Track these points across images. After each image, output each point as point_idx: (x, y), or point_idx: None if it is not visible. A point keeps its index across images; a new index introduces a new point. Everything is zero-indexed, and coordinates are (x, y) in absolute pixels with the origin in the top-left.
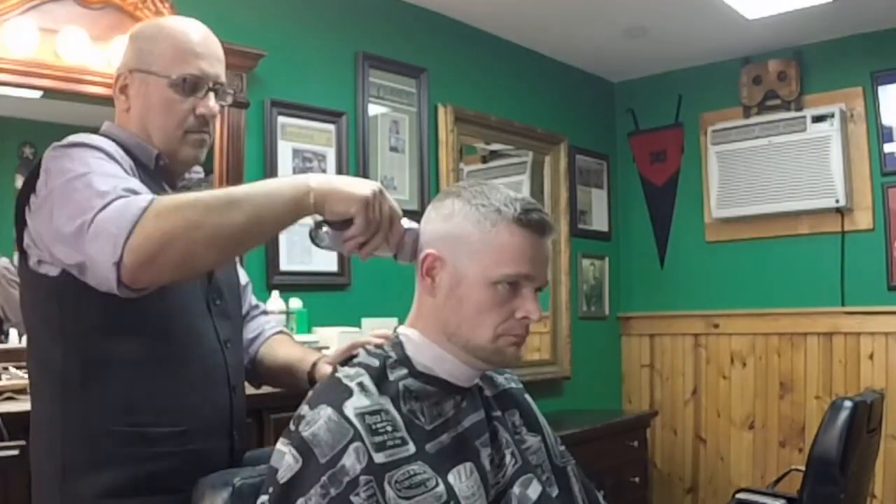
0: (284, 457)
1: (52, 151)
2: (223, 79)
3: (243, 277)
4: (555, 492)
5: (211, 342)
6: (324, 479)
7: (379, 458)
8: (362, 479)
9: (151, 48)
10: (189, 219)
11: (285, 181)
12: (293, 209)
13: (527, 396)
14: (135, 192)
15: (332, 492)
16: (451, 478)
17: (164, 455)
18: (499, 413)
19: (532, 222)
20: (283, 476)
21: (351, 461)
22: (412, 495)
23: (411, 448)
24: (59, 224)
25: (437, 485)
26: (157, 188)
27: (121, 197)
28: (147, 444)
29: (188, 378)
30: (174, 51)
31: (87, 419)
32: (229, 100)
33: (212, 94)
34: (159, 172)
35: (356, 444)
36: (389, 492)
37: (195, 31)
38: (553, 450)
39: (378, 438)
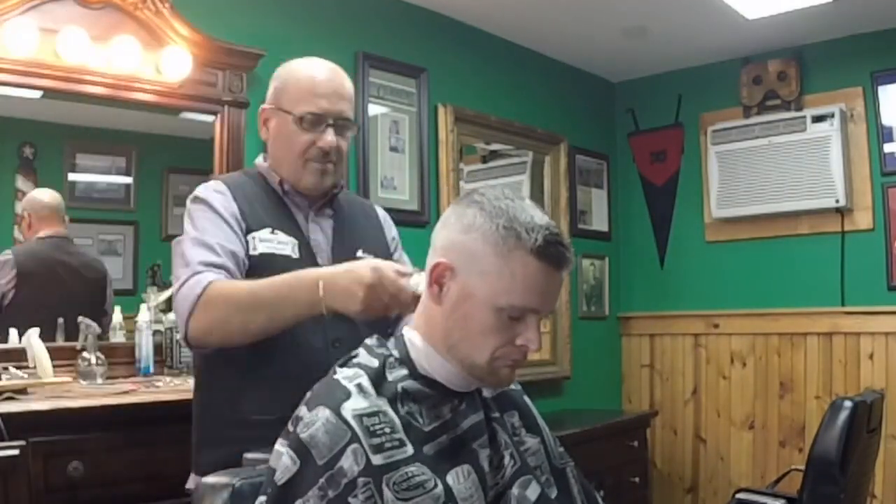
0: (282, 458)
1: (188, 203)
2: (347, 114)
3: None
4: (553, 493)
5: (315, 343)
6: (322, 480)
7: (377, 459)
8: (360, 480)
9: (284, 88)
10: (223, 317)
11: (302, 286)
12: (307, 311)
13: (525, 398)
14: (208, 266)
15: (331, 493)
16: (449, 479)
17: (262, 438)
18: (497, 415)
19: (550, 256)
20: (281, 477)
21: (349, 463)
22: (410, 497)
23: (409, 450)
24: (172, 277)
25: (435, 486)
26: (280, 210)
27: (196, 273)
28: (248, 429)
29: (288, 375)
30: (299, 91)
31: (208, 406)
32: (349, 134)
33: (331, 130)
34: (287, 195)
35: (354, 445)
36: (388, 493)
37: (320, 73)
38: (552, 451)
39: (376, 440)
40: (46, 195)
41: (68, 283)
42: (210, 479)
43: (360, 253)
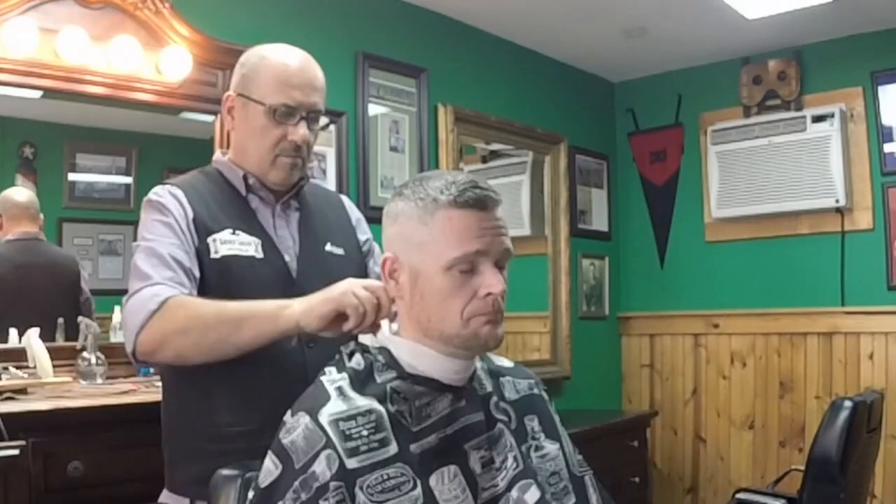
0: (266, 462)
1: (142, 207)
2: (319, 106)
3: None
4: (571, 500)
5: (287, 344)
6: (296, 484)
7: (351, 463)
8: (332, 484)
9: (253, 76)
10: (183, 327)
11: (270, 312)
12: (275, 335)
13: (549, 404)
14: (165, 280)
15: (303, 496)
16: (432, 479)
17: (238, 451)
18: (506, 417)
19: (469, 201)
20: (264, 480)
21: (321, 468)
22: (385, 499)
23: (392, 450)
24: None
25: (413, 488)
26: (242, 208)
27: (150, 285)
28: (223, 442)
29: (260, 379)
30: (272, 81)
31: (178, 420)
32: (318, 127)
33: (303, 123)
34: (251, 190)
35: (327, 451)
36: (361, 497)
37: (293, 62)
38: (570, 458)
39: (351, 444)
40: (19, 194)
41: (40, 286)
42: (224, 471)
43: (328, 247)
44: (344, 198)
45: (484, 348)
